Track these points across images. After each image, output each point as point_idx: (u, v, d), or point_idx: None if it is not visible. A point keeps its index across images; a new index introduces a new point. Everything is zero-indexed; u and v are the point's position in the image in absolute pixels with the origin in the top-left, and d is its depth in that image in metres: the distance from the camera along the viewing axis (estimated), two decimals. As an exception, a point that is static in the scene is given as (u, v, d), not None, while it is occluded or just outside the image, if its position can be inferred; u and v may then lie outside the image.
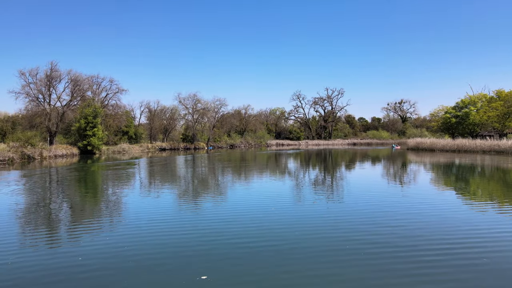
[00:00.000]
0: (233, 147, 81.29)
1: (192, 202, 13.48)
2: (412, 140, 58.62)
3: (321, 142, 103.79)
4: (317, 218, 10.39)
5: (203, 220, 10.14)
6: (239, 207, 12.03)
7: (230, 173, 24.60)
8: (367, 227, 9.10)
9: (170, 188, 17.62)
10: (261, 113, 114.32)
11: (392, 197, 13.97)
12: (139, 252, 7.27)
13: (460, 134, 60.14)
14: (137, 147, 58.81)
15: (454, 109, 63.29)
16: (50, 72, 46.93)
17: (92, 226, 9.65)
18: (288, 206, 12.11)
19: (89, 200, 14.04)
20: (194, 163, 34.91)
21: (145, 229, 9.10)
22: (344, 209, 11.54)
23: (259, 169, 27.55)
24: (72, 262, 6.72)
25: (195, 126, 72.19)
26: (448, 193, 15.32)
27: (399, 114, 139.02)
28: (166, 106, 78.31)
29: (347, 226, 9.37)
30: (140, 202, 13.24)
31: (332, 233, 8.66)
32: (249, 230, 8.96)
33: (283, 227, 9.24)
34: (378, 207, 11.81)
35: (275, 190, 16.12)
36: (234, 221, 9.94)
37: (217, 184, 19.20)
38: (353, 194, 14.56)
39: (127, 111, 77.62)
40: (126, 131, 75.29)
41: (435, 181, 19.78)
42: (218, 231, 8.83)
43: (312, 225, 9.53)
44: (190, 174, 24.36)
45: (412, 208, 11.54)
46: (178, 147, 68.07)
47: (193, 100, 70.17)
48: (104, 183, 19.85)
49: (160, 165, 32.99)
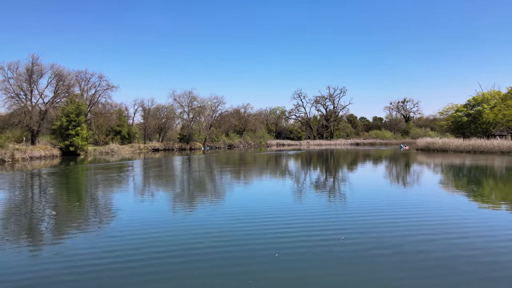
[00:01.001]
0: (231, 147, 77.65)
1: (180, 212, 11.49)
2: (422, 140, 54.89)
3: (323, 142, 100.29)
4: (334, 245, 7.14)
5: (191, 230, 9.11)
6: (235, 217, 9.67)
7: (223, 180, 20.94)
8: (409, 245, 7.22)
9: (151, 198, 14.15)
10: (261, 112, 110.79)
11: (426, 211, 10.39)
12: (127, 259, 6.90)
13: (472, 133, 56.42)
14: (128, 147, 55.00)
15: (465, 107, 59.58)
16: (31, 66, 43.16)
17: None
18: (301, 236, 8.50)
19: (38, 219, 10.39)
20: (183, 166, 31.23)
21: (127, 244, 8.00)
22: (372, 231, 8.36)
23: (257, 173, 23.88)
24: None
25: (191, 125, 68.36)
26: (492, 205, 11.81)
27: (402, 114, 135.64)
28: (162, 105, 74.43)
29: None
30: (115, 221, 9.69)
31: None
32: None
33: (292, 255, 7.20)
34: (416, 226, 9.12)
35: (281, 205, 12.48)
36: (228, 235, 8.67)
37: (206, 195, 15.56)
38: (378, 208, 11.08)
39: (120, 110, 74.01)
40: (118, 131, 71.63)
41: (470, 187, 16.09)
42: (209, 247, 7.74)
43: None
44: (174, 181, 20.68)
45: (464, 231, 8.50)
46: (173, 148, 64.28)
47: (188, 97, 66.31)
48: (74, 193, 16.17)
49: (148, 167, 29.32)
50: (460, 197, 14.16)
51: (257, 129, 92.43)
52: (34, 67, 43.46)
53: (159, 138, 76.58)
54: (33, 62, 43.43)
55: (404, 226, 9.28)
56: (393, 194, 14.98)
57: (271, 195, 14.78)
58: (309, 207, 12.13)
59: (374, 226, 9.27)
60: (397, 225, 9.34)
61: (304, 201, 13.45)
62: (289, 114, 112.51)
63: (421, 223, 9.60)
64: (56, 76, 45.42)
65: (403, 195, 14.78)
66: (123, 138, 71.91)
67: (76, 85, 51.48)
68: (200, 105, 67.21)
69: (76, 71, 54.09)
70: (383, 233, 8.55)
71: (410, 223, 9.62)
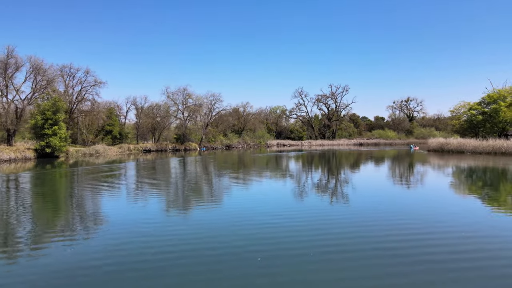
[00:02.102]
0: (229, 148, 73.61)
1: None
2: (434, 140, 50.73)
3: (325, 142, 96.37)
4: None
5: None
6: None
7: (215, 191, 16.84)
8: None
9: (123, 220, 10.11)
10: (261, 111, 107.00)
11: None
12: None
13: (488, 133, 52.31)
14: (116, 148, 50.78)
15: (479, 105, 55.54)
16: (5, 59, 38.95)
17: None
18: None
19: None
20: (169, 171, 27.12)
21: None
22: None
23: (256, 179, 19.76)
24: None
25: (186, 124, 64.14)
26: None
27: (405, 113, 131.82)
28: (157, 103, 70.16)
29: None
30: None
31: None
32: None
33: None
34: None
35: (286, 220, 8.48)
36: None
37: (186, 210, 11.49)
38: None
39: (111, 108, 69.99)
40: (109, 130, 67.59)
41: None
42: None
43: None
44: (152, 194, 16.55)
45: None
46: (166, 149, 60.06)
47: (183, 94, 61.83)
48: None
49: (130, 174, 25.23)
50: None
51: (256, 128, 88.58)
52: (10, 59, 39.27)
53: (153, 138, 72.65)
54: (8, 54, 39.24)
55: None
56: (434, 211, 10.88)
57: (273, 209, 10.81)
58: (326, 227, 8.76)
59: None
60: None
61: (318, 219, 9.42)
62: (290, 113, 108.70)
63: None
64: (35, 70, 41.21)
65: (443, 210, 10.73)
66: (114, 138, 67.83)
67: (58, 80, 47.33)
68: (195, 103, 62.91)
69: (60, 65, 50.06)
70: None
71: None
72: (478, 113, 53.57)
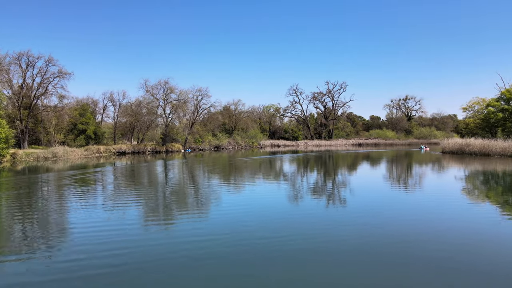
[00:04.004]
0: (218, 148, 66.60)
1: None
2: (451, 141, 44.37)
3: (323, 142, 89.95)
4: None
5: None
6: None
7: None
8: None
9: None
10: (254, 110, 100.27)
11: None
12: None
13: (510, 133, 46.20)
14: (81, 151, 43.32)
15: (497, 101, 49.51)
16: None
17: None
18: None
19: None
20: (120, 183, 20.09)
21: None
22: None
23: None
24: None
25: (168, 123, 56.85)
26: None
27: (403, 112, 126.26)
28: (137, 98, 62.70)
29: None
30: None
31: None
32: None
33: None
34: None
35: None
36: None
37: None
38: None
39: (84, 105, 62.52)
40: (83, 130, 60.12)
41: None
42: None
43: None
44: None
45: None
46: (144, 150, 52.72)
47: (164, 88, 54.47)
48: None
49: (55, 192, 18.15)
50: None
51: (249, 128, 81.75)
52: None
53: (137, 139, 65.42)
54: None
55: None
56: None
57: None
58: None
59: None
60: None
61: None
62: (285, 111, 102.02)
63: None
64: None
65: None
66: (88, 138, 60.38)
67: (11, 70, 39.85)
68: (179, 98, 55.59)
69: (17, 53, 42.56)
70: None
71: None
72: (497, 110, 47.52)
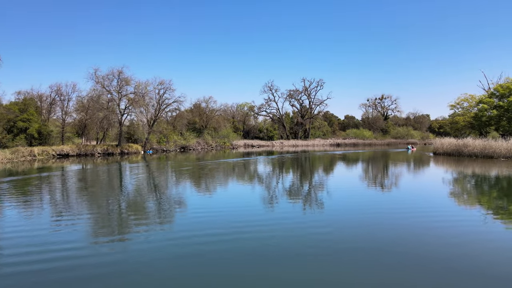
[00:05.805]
0: (185, 149, 59.36)
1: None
2: (444, 141, 39.82)
3: (299, 142, 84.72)
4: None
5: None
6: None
7: None
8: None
9: None
10: (227, 108, 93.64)
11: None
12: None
13: (507, 131, 42.37)
14: (5, 153, 34.85)
15: (490, 97, 45.76)
16: None
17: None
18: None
19: None
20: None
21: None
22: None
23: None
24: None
25: (122, 120, 48.83)
26: None
27: (379, 111, 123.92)
28: (89, 92, 54.13)
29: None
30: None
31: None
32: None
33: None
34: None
35: None
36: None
37: None
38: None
39: (26, 99, 53.39)
40: (23, 128, 51.05)
41: None
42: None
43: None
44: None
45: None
46: (93, 152, 44.57)
47: (117, 79, 46.43)
48: None
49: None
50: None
51: (221, 127, 74.99)
52: None
53: (97, 138, 56.79)
54: None
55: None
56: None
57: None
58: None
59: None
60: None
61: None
62: (259, 110, 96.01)
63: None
64: None
65: None
66: (31, 138, 51.39)
67: None
68: (137, 91, 47.74)
69: None
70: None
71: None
72: (492, 107, 43.65)
